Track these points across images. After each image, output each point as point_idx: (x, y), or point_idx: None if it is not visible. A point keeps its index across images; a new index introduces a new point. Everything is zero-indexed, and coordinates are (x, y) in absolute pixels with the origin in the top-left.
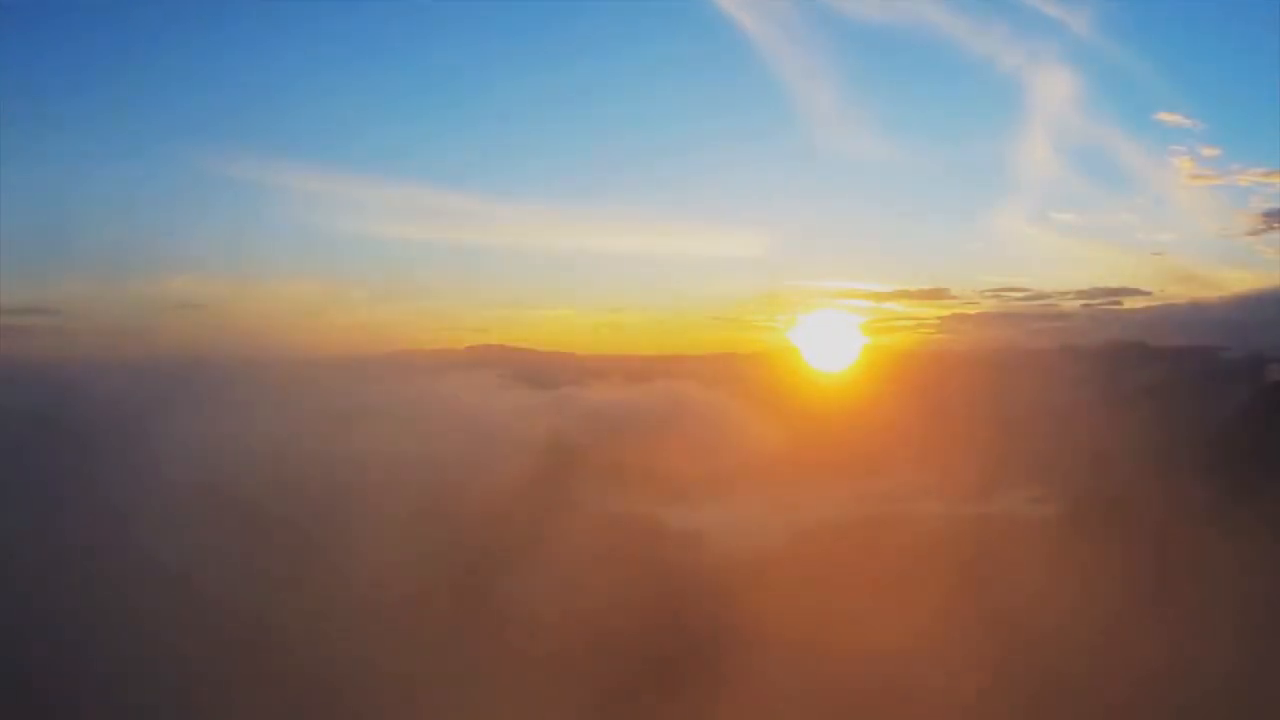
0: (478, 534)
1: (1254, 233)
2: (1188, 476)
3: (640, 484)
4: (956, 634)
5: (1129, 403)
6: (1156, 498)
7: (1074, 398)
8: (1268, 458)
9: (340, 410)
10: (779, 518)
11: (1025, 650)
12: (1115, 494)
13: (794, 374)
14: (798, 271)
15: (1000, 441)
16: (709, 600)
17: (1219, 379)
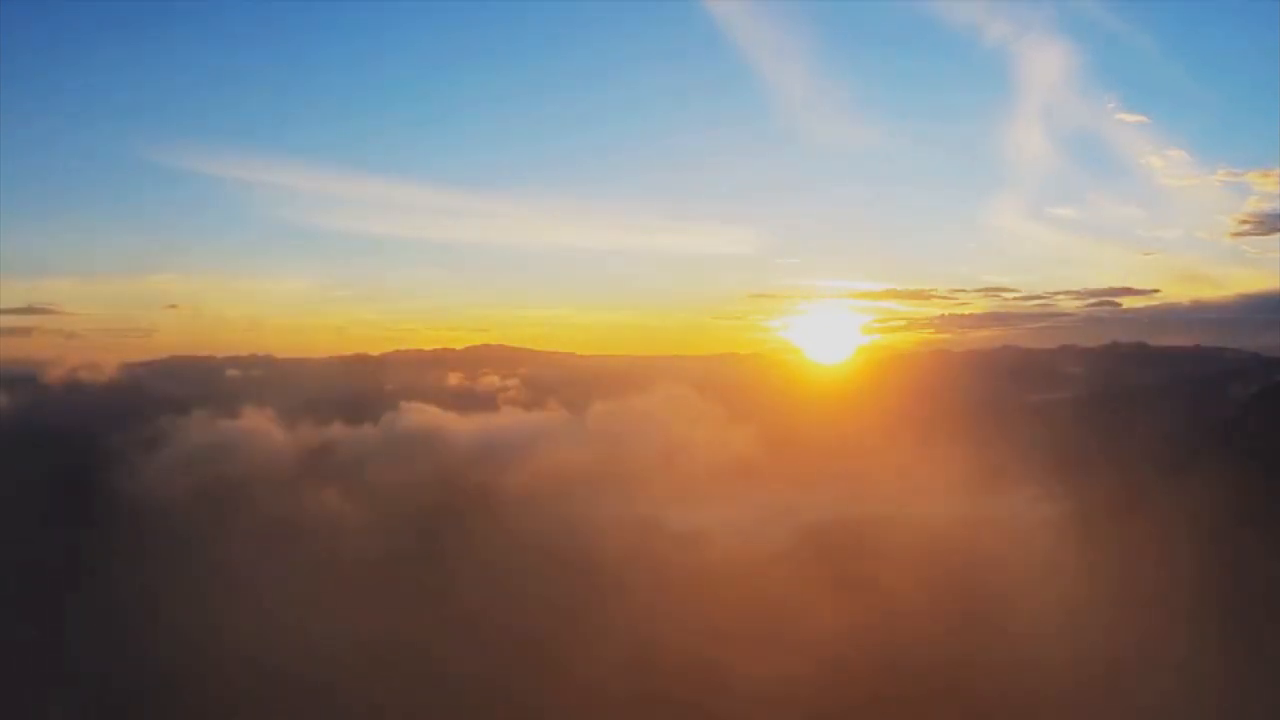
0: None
1: (1255, 233)
2: (1188, 476)
3: (641, 484)
4: (955, 633)
5: (1129, 403)
6: (1157, 497)
7: (1073, 398)
8: (1269, 458)
9: (344, 408)
10: (779, 518)
11: (1024, 649)
12: (1115, 494)
13: (794, 375)
14: (794, 270)
15: (999, 441)
16: (709, 599)
17: (1219, 379)
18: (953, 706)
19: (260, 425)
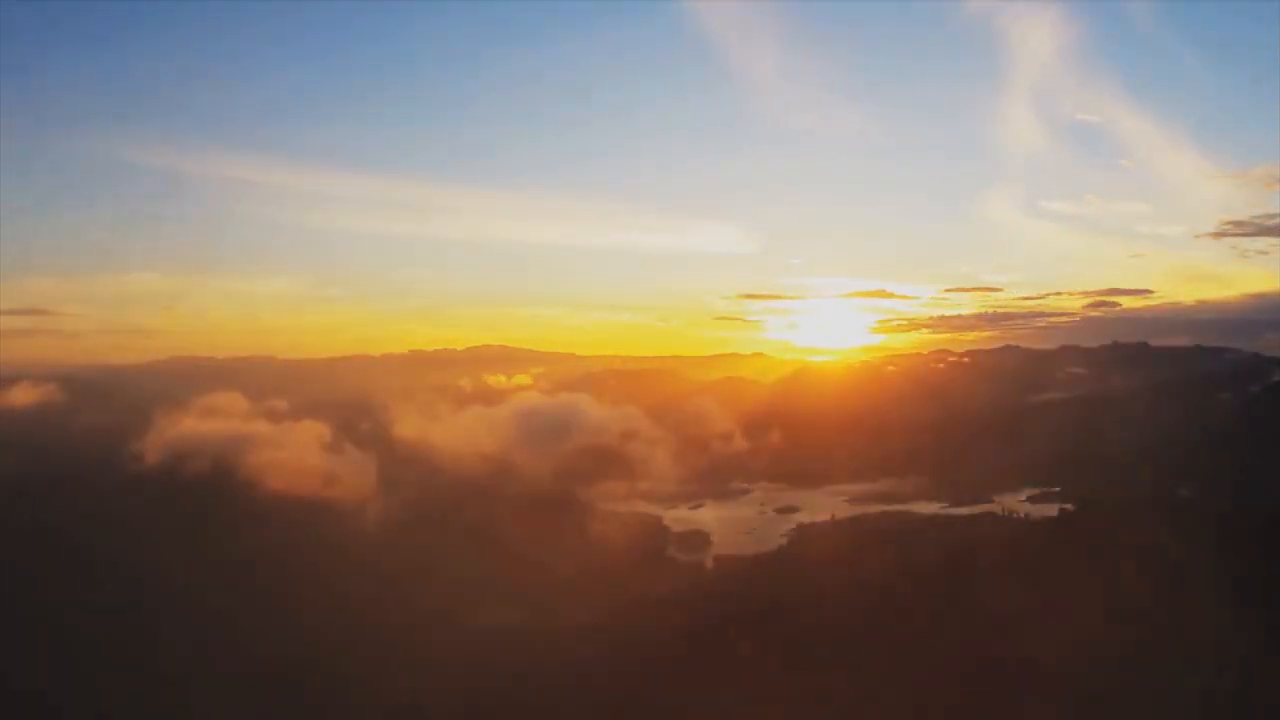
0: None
1: (1257, 233)
2: (1189, 476)
3: (643, 484)
4: (954, 632)
5: (1130, 403)
6: (1157, 497)
7: (1074, 398)
8: (1268, 458)
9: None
10: (779, 518)
11: (1023, 648)
12: (1115, 494)
13: (796, 375)
14: (792, 269)
15: (1000, 441)
16: (709, 598)
17: (1220, 379)
18: (949, 702)
19: (286, 425)
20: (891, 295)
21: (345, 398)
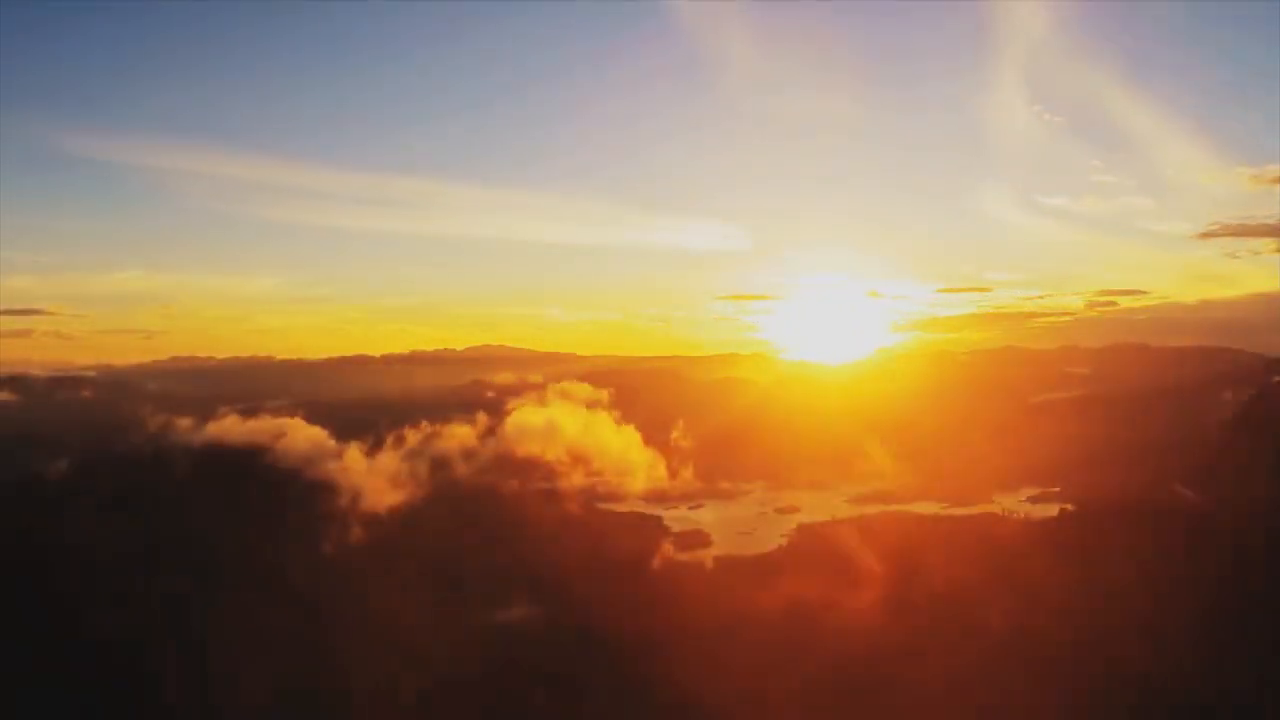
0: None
1: (1258, 234)
2: (1188, 476)
3: (643, 484)
4: (954, 632)
5: (1131, 403)
6: (1156, 498)
7: (1075, 398)
8: (1268, 458)
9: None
10: (779, 518)
11: (1023, 649)
12: (1116, 494)
13: (797, 375)
14: (792, 268)
15: (1000, 441)
16: (709, 598)
17: (1221, 380)
18: (947, 703)
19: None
20: (891, 295)
21: (347, 398)
